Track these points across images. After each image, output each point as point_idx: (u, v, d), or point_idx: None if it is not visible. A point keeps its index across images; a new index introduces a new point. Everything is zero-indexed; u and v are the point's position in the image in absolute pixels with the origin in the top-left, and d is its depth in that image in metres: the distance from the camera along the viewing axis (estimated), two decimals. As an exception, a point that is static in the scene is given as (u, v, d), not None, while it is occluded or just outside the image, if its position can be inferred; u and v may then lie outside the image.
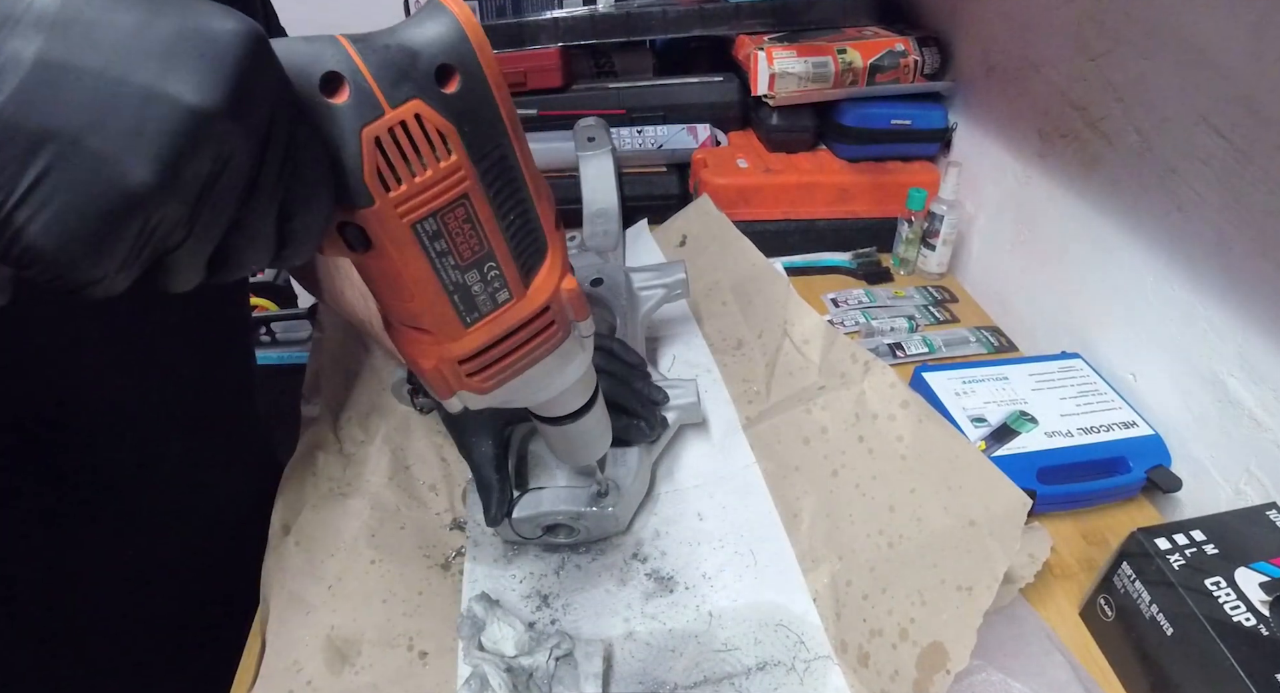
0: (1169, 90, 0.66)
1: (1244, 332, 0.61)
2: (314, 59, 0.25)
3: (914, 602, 0.52)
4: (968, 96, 0.99)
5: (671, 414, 0.67)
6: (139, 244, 0.22)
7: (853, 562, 0.57)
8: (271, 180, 0.24)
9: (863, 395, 0.63)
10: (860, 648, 0.52)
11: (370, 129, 0.26)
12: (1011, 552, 0.49)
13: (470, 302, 0.32)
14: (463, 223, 0.30)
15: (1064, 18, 0.78)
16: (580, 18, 1.09)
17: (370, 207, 0.27)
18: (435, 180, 0.28)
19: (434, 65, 0.27)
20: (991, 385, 0.73)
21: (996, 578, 0.48)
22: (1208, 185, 0.63)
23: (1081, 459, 0.66)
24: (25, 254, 0.20)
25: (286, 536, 0.61)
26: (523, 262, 0.33)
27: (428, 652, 0.54)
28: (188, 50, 0.21)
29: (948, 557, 0.52)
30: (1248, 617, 0.48)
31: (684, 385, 0.69)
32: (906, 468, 0.58)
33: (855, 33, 1.05)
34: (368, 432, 0.71)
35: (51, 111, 0.20)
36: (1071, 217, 0.80)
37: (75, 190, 0.20)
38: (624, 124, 1.09)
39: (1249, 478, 0.62)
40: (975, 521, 0.52)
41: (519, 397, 0.39)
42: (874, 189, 1.01)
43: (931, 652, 0.49)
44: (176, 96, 0.21)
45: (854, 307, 0.93)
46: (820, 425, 0.65)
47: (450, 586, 0.59)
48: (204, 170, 0.22)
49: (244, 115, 0.22)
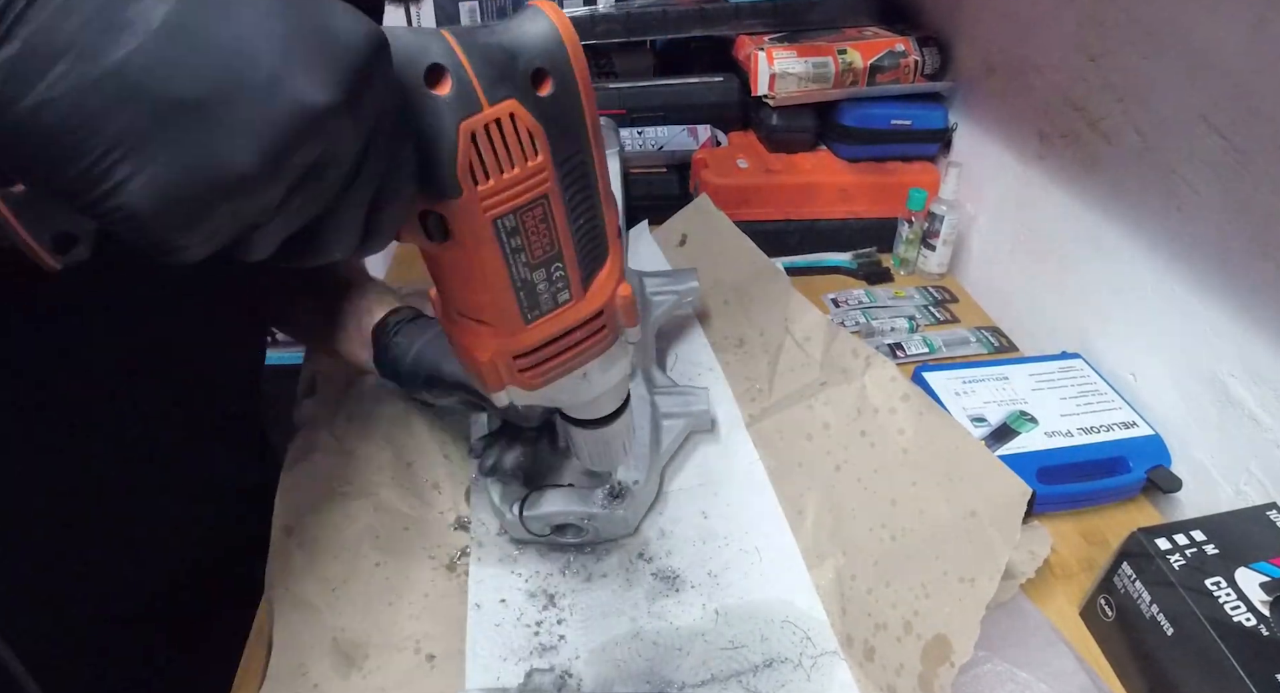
0: (1169, 90, 0.66)
1: (1244, 332, 0.62)
2: (421, 51, 0.26)
3: (917, 595, 0.52)
4: (968, 97, 0.99)
5: (681, 422, 0.68)
6: (230, 222, 0.22)
7: (856, 556, 0.57)
8: (370, 176, 0.25)
9: (864, 390, 0.63)
10: (866, 642, 0.53)
11: (468, 123, 0.27)
12: (1012, 541, 0.49)
13: (534, 298, 0.33)
14: (539, 222, 0.31)
15: (1064, 18, 0.78)
16: (580, 18, 1.09)
17: (457, 198, 0.28)
18: (520, 178, 0.29)
19: (531, 68, 0.28)
20: (991, 385, 0.73)
21: (998, 568, 0.49)
22: (1208, 185, 0.63)
23: (1081, 459, 0.66)
24: (117, 211, 0.20)
25: (289, 538, 0.60)
26: (586, 265, 0.34)
27: (435, 655, 0.54)
28: (314, 46, 0.21)
29: (950, 548, 0.52)
30: (1248, 617, 0.48)
31: (696, 394, 0.69)
32: (908, 461, 0.58)
33: (855, 33, 1.05)
34: (368, 428, 0.71)
35: (170, 77, 0.19)
36: (1071, 217, 0.80)
37: (180, 160, 0.20)
38: (624, 124, 1.09)
39: (1249, 478, 0.62)
40: (976, 511, 0.52)
41: (563, 396, 0.40)
42: (874, 189, 1.01)
43: (936, 645, 0.49)
44: (297, 91, 0.21)
45: (854, 307, 0.93)
46: (822, 421, 0.65)
47: (456, 586, 0.59)
48: (309, 162, 0.22)
49: (357, 117, 0.22)
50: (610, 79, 1.18)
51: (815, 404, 0.66)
